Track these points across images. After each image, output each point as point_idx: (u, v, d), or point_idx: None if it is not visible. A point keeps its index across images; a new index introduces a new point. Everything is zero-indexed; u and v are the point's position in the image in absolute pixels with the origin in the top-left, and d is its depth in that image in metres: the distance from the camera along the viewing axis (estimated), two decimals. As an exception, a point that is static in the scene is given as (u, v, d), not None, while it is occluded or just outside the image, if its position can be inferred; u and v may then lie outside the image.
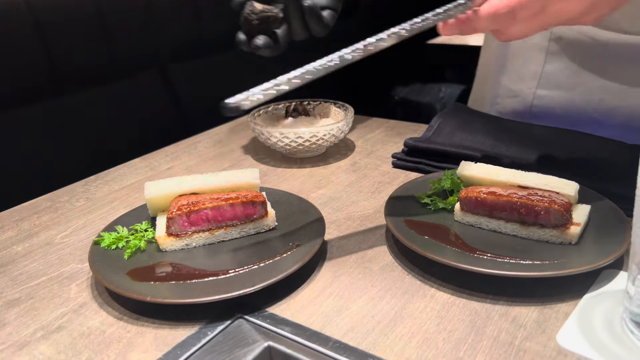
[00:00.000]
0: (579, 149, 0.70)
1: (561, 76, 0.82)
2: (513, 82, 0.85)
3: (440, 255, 0.51)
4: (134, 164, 0.83)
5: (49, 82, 0.92)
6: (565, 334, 0.44)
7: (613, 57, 0.76)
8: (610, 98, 0.77)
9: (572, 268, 0.48)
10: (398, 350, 0.43)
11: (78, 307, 0.50)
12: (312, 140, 0.77)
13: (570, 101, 0.80)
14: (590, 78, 0.79)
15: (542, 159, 0.69)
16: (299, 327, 0.46)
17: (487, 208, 0.56)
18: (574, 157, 0.69)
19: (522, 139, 0.74)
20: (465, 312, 0.47)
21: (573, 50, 0.80)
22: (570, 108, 0.78)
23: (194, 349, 0.45)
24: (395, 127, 0.93)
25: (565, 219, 0.53)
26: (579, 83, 0.80)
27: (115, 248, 0.55)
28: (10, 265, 0.58)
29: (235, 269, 0.52)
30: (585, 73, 0.79)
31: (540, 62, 0.83)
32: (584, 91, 0.80)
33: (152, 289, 0.49)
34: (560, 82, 0.82)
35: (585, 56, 0.79)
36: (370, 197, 0.69)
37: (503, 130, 0.77)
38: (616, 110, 0.77)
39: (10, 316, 0.50)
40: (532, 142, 0.73)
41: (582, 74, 0.79)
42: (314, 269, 0.54)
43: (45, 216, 0.68)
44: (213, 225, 0.57)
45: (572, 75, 0.81)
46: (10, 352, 0.45)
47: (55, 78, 0.92)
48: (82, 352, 0.45)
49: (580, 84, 0.80)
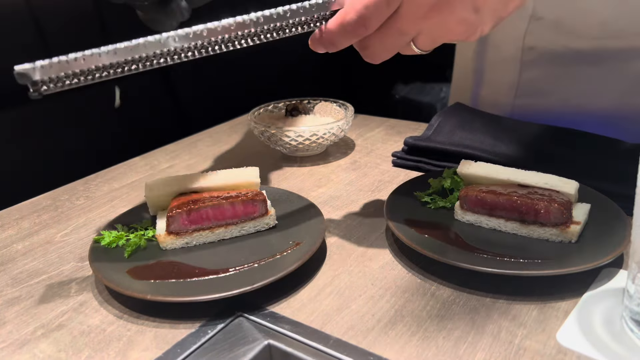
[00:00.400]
0: (579, 147, 0.70)
1: (538, 84, 0.83)
2: (491, 93, 0.86)
3: (440, 253, 0.51)
4: (134, 163, 0.83)
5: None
6: (565, 332, 0.44)
7: (586, 62, 0.77)
8: (586, 101, 0.78)
9: (572, 266, 0.48)
10: (398, 349, 0.43)
11: (78, 306, 0.50)
12: (312, 139, 0.77)
13: (549, 108, 0.81)
14: (566, 84, 0.80)
15: (542, 157, 0.69)
16: (299, 325, 0.46)
17: (487, 207, 0.56)
18: (574, 155, 0.69)
19: (522, 137, 0.74)
20: (465, 311, 0.47)
21: (547, 59, 0.81)
22: (549, 114, 0.79)
23: (194, 347, 0.45)
24: (395, 126, 0.93)
25: (565, 217, 0.53)
26: (556, 90, 0.81)
27: (115, 246, 0.55)
28: (10, 264, 0.58)
29: (236, 267, 0.52)
30: (560, 79, 0.80)
31: (516, 73, 0.84)
32: (561, 97, 0.81)
33: (152, 288, 0.49)
34: (537, 90, 0.83)
35: (559, 63, 0.80)
36: (370, 196, 0.69)
37: (503, 129, 0.77)
38: (593, 111, 0.78)
39: (11, 314, 0.50)
40: (532, 140, 0.73)
41: (557, 81, 0.81)
42: (314, 268, 0.54)
43: (45, 215, 0.68)
44: (213, 224, 0.57)
45: (548, 83, 0.82)
46: (11, 351, 0.46)
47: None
48: (82, 350, 0.45)
49: (556, 91, 0.81)
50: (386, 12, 0.45)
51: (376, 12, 0.45)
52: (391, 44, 0.47)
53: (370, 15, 0.45)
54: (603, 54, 0.75)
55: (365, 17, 0.45)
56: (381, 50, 0.48)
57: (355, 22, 0.45)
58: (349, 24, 0.46)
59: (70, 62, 0.40)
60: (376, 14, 0.45)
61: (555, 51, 0.79)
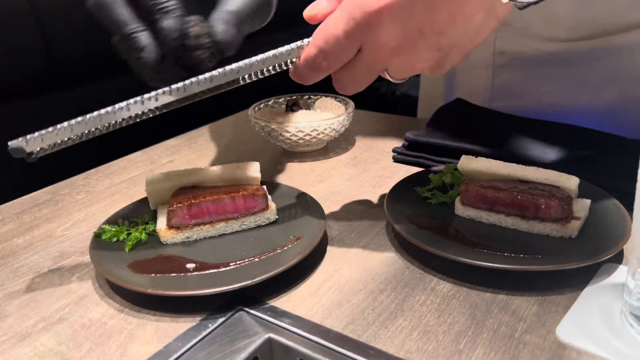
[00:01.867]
0: (579, 143, 0.70)
1: (511, 87, 0.84)
2: (466, 97, 0.86)
3: (440, 248, 0.51)
4: (135, 157, 0.83)
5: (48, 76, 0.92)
6: (565, 327, 0.44)
7: (557, 63, 0.78)
8: (560, 100, 0.79)
9: (572, 262, 0.48)
10: (398, 343, 0.43)
11: (79, 299, 0.51)
12: (312, 135, 0.77)
13: (524, 108, 0.81)
14: (539, 84, 0.80)
15: (542, 153, 0.69)
16: (299, 319, 0.46)
17: (488, 202, 0.56)
18: (575, 151, 0.69)
19: (522, 133, 0.74)
20: (466, 305, 0.47)
21: (518, 62, 0.81)
22: (524, 115, 0.79)
23: (195, 341, 0.45)
24: (396, 122, 0.93)
25: (566, 212, 0.53)
26: (529, 91, 0.82)
27: (116, 241, 0.55)
28: (11, 258, 0.58)
29: (236, 261, 0.52)
30: (533, 81, 0.81)
31: (489, 77, 0.85)
32: (535, 98, 0.81)
33: (153, 281, 0.49)
34: (511, 92, 0.84)
35: (531, 65, 0.80)
36: (370, 191, 0.69)
37: (504, 124, 0.77)
38: (567, 110, 0.79)
39: (12, 308, 0.50)
40: (532, 136, 0.73)
41: (530, 82, 0.81)
42: (314, 262, 0.54)
43: (46, 209, 0.68)
44: (214, 218, 0.57)
45: (521, 85, 0.83)
46: (12, 344, 0.46)
47: (54, 72, 0.92)
48: (83, 344, 0.45)
49: (530, 92, 0.82)
50: (348, 48, 0.45)
51: (336, 47, 0.45)
52: (360, 79, 0.48)
53: (330, 50, 0.45)
54: (573, 55, 0.76)
55: (326, 52, 0.46)
56: (352, 83, 0.48)
57: (316, 56, 0.46)
58: (311, 59, 0.47)
59: (59, 131, 0.45)
60: (337, 49, 0.45)
61: (526, 54, 0.80)
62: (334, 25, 0.45)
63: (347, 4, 0.44)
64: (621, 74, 0.74)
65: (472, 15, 0.44)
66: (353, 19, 0.44)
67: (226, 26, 0.47)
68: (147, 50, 0.46)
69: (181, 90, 0.46)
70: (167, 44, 0.46)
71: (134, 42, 0.46)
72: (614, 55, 0.74)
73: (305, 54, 0.47)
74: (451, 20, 0.43)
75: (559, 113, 0.78)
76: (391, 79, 0.49)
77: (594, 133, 0.72)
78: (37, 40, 0.89)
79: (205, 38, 0.46)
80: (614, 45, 0.73)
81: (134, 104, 0.46)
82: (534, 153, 0.70)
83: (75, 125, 0.45)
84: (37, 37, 0.88)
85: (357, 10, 0.43)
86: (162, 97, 0.46)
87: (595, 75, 0.76)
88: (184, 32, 0.45)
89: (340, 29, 0.44)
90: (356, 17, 0.44)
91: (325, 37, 0.45)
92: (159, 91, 0.46)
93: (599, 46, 0.74)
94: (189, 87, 0.46)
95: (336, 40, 0.45)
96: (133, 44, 0.46)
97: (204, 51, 0.46)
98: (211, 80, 0.47)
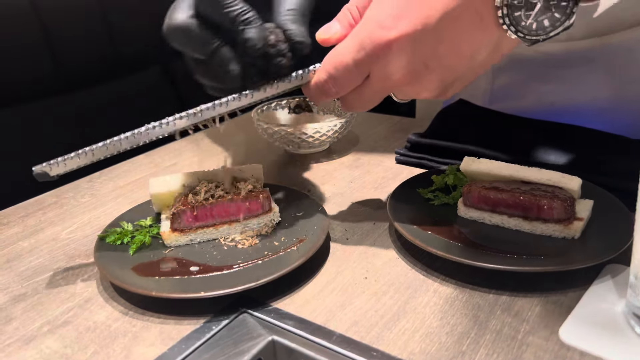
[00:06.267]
0: (581, 144, 0.70)
1: (511, 88, 0.84)
2: (465, 99, 0.86)
3: (443, 250, 0.51)
4: (138, 160, 0.84)
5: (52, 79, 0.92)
6: (568, 328, 0.44)
7: (556, 63, 0.78)
8: (559, 100, 0.79)
9: (575, 262, 0.48)
10: (401, 344, 0.43)
11: (84, 302, 0.51)
12: (315, 136, 0.77)
13: (523, 109, 0.81)
14: (539, 85, 0.80)
15: (545, 154, 0.69)
16: (302, 321, 0.47)
17: (490, 203, 0.56)
18: (577, 152, 0.69)
19: (524, 134, 0.74)
20: (468, 307, 0.47)
21: (518, 64, 0.81)
22: (525, 116, 0.79)
23: (199, 343, 0.45)
24: (398, 123, 0.93)
25: (568, 213, 0.53)
26: (529, 92, 0.82)
27: (120, 243, 0.56)
28: (16, 261, 0.58)
29: (240, 264, 0.52)
30: (533, 82, 0.81)
31: (489, 80, 0.86)
32: (534, 98, 0.81)
33: (157, 284, 0.49)
34: (510, 94, 0.84)
35: (530, 67, 0.81)
36: (373, 193, 0.69)
37: (506, 125, 0.77)
38: (566, 109, 0.79)
39: (17, 311, 0.50)
40: (534, 137, 0.73)
41: (530, 83, 0.81)
42: (317, 264, 0.54)
43: (50, 212, 0.69)
44: (217, 221, 0.57)
45: (521, 86, 0.83)
46: (17, 347, 0.46)
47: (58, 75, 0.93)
48: (88, 346, 0.45)
49: (530, 93, 0.82)
50: (356, 75, 0.47)
51: (345, 75, 0.47)
52: (367, 101, 0.50)
53: (339, 77, 0.47)
54: (572, 55, 0.76)
55: (335, 78, 0.47)
56: (359, 105, 0.50)
57: (325, 81, 0.48)
58: (321, 83, 0.49)
59: (81, 156, 0.49)
60: (346, 76, 0.47)
61: (525, 55, 0.80)
62: (344, 54, 0.46)
63: (359, 32, 0.46)
64: (619, 73, 0.75)
65: (478, 51, 0.45)
66: (363, 49, 0.45)
67: (296, 26, 0.49)
68: (234, 63, 0.48)
69: (198, 115, 0.49)
70: (251, 54, 0.48)
71: (221, 57, 0.48)
72: (612, 54, 0.74)
73: (316, 78, 0.49)
74: (457, 57, 0.45)
75: (559, 113, 0.78)
76: (396, 99, 0.51)
77: (596, 133, 0.72)
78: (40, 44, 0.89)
79: (282, 44, 0.48)
80: (612, 44, 0.73)
81: (152, 128, 0.49)
82: (536, 153, 0.70)
83: (96, 151, 0.49)
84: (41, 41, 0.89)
85: (368, 40, 0.45)
86: (179, 122, 0.50)
87: (594, 74, 0.76)
88: (267, 41, 0.47)
89: (350, 58, 0.46)
90: (366, 48, 0.45)
91: (335, 64, 0.47)
92: (177, 115, 0.49)
93: (597, 46, 0.74)
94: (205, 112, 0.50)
95: (345, 68, 0.47)
96: (220, 60, 0.48)
97: (283, 57, 0.48)
98: (227, 104, 0.50)
